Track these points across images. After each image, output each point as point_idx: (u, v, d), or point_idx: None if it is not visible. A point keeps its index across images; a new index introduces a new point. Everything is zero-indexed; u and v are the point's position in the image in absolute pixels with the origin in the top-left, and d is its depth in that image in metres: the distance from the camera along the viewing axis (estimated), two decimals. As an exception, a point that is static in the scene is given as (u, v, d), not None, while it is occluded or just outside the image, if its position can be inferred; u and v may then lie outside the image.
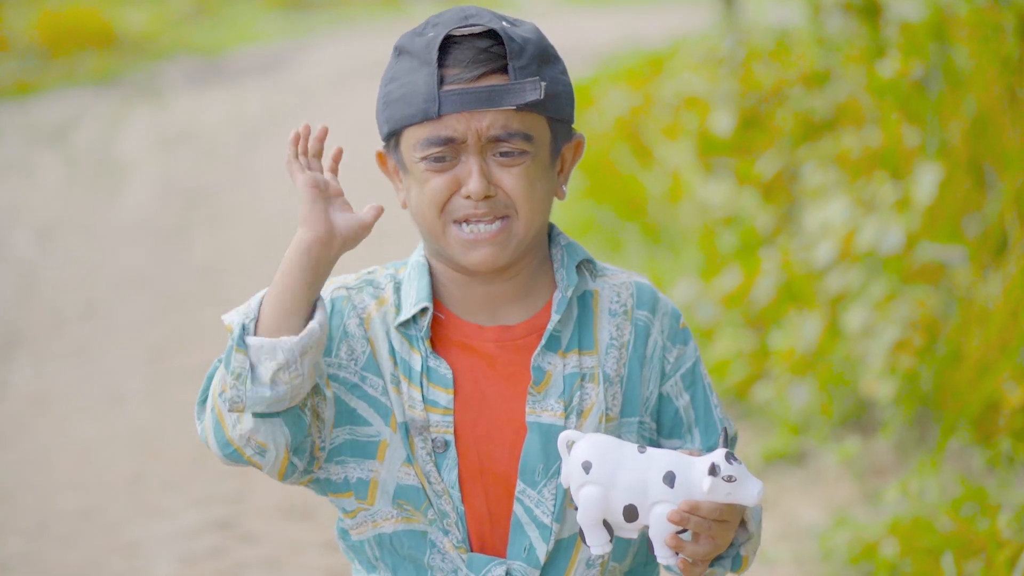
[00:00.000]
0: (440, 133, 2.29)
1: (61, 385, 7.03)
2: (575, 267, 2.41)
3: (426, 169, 2.32)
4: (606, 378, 2.39)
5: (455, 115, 2.28)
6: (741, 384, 5.99)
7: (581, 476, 2.22)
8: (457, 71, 2.29)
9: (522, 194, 2.31)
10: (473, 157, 2.30)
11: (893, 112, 6.08)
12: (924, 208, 5.51)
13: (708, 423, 2.46)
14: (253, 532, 5.23)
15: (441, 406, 2.35)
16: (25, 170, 12.26)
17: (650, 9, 20.60)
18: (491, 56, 2.30)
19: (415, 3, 24.90)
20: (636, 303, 2.43)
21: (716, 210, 7.07)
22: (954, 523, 4.46)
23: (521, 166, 2.31)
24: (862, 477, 5.24)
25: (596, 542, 2.25)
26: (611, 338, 2.41)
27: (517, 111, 2.29)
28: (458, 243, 2.33)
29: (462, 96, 2.28)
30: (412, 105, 2.31)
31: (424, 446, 2.35)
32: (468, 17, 2.34)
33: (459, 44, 2.30)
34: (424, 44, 2.32)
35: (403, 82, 2.33)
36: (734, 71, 7.95)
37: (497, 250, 2.33)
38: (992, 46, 5.73)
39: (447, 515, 2.36)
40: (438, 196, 2.32)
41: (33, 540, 5.32)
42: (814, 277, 5.96)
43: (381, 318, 2.40)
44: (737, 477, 2.18)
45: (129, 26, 19.67)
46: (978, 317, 5.23)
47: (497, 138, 2.29)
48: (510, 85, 2.28)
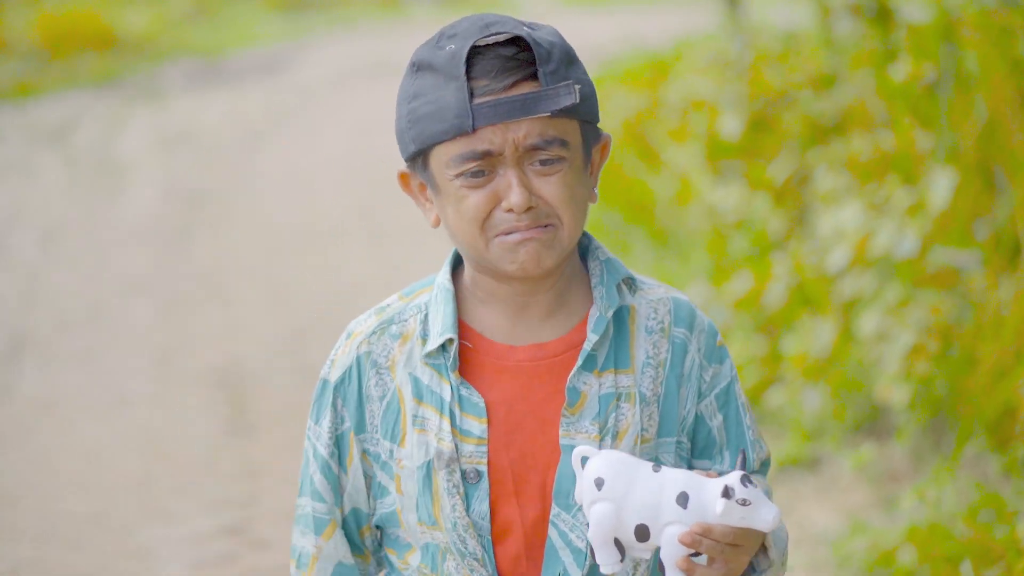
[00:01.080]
0: (476, 147, 2.23)
1: (66, 388, 7.00)
2: (615, 286, 2.36)
3: (462, 186, 2.25)
4: (642, 398, 2.34)
5: (490, 127, 2.22)
6: (753, 389, 5.96)
7: (593, 492, 2.19)
8: (486, 82, 2.22)
9: (564, 202, 2.26)
10: (511, 169, 2.24)
11: (905, 116, 6.06)
12: (937, 213, 5.48)
13: (739, 445, 2.42)
14: (265, 538, 5.20)
15: (475, 436, 2.31)
16: (26, 172, 12.23)
17: (650, 9, 20.58)
18: (519, 63, 2.24)
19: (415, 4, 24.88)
20: (674, 320, 2.38)
21: (727, 214, 7.04)
22: (972, 530, 4.44)
23: (560, 173, 2.25)
24: (877, 483, 5.22)
25: (606, 560, 2.21)
26: (648, 356, 2.36)
27: (552, 117, 2.23)
28: (502, 249, 2.26)
29: (495, 107, 2.21)
30: (444, 121, 2.23)
31: (450, 479, 2.31)
32: (489, 25, 2.26)
33: (484, 54, 2.23)
34: (448, 57, 2.24)
35: (430, 98, 2.25)
36: (742, 74, 7.92)
37: (542, 249, 2.26)
38: (1002, 49, 5.70)
39: (473, 552, 2.32)
40: (479, 212, 2.25)
41: (41, 544, 5.29)
42: (827, 281, 5.94)
43: (406, 358, 2.35)
44: (752, 501, 2.15)
45: (129, 27, 19.62)
46: (993, 322, 5.21)
47: (535, 147, 2.24)
48: (544, 91, 2.22)
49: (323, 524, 2.39)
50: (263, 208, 10.82)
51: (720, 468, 2.40)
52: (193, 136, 13.69)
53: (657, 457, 2.35)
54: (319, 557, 2.38)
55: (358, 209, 10.60)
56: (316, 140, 13.40)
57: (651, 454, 2.35)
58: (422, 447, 2.32)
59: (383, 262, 8.92)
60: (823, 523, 5.02)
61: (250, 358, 7.30)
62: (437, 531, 2.33)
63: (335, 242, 9.66)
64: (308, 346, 7.38)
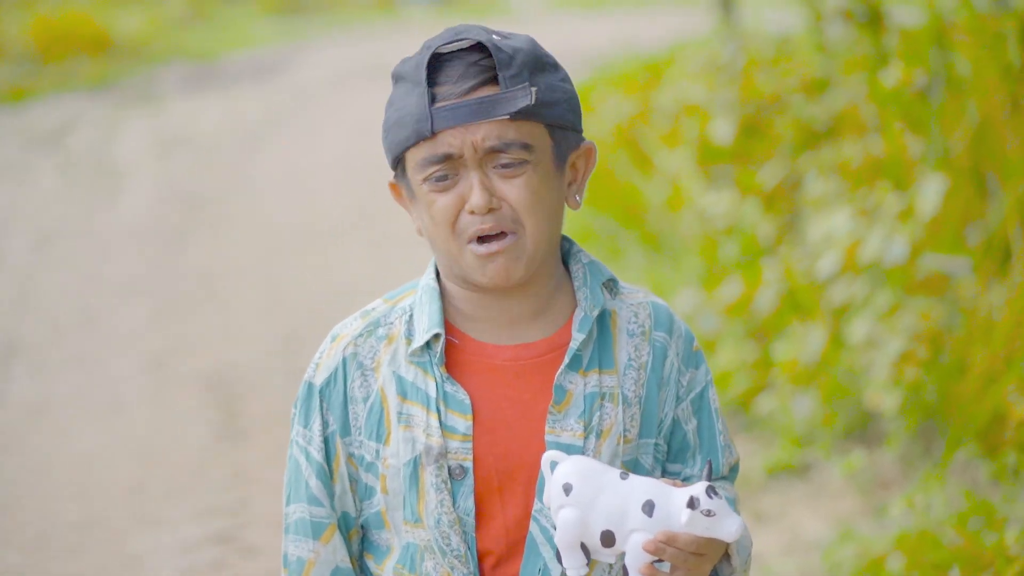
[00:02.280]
0: (437, 151, 2.28)
1: (60, 393, 7.00)
2: (599, 287, 2.39)
3: (430, 191, 2.30)
4: (625, 399, 2.37)
5: (449, 131, 2.27)
6: (743, 395, 5.96)
7: (561, 497, 2.22)
8: (447, 87, 2.28)
9: (526, 205, 2.29)
10: (473, 171, 2.28)
11: (896, 121, 6.06)
12: (928, 218, 5.49)
13: (710, 450, 2.46)
14: (254, 545, 5.20)
15: (460, 432, 2.34)
16: (21, 176, 12.23)
17: (644, 13, 20.59)
18: (480, 69, 2.28)
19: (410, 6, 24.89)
20: (654, 324, 2.42)
21: (718, 219, 7.05)
22: (961, 537, 4.44)
23: (522, 176, 2.29)
24: (867, 490, 5.22)
25: (572, 564, 2.25)
26: (630, 358, 2.39)
27: (512, 120, 2.27)
28: (474, 260, 2.30)
29: (453, 111, 2.26)
30: (406, 127, 2.29)
31: (439, 474, 2.33)
32: (458, 33, 2.32)
33: (448, 61, 2.29)
34: (414, 65, 2.31)
35: (398, 106, 2.32)
36: (734, 78, 7.92)
37: (509, 263, 2.30)
38: (993, 54, 5.71)
39: (456, 549, 2.34)
40: (446, 215, 2.30)
41: (33, 552, 5.29)
42: (817, 287, 5.94)
43: (391, 358, 2.38)
44: (716, 512, 2.19)
45: (123, 31, 19.62)
46: (983, 328, 5.21)
47: (494, 149, 2.28)
48: (500, 95, 2.26)
49: (321, 528, 2.39)
50: (258, 211, 10.82)
51: (691, 472, 2.44)
52: (188, 140, 13.69)
53: (637, 459, 2.38)
54: (316, 562, 2.39)
55: (354, 212, 10.60)
56: (312, 143, 13.40)
57: (632, 455, 2.38)
58: (408, 444, 2.34)
59: (379, 265, 8.92)
60: (813, 530, 5.03)
61: (243, 363, 7.30)
62: (420, 529, 2.35)
63: (330, 245, 9.66)
64: (302, 350, 7.38)
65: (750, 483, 5.41)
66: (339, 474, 2.39)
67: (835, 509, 5.17)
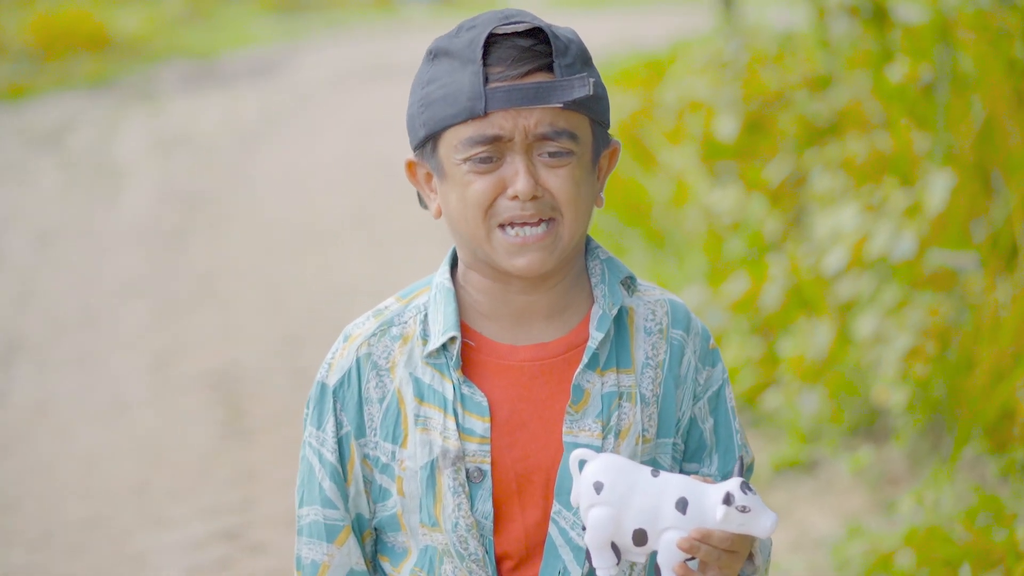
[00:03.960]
0: (486, 131, 2.23)
1: (63, 393, 6.98)
2: (616, 285, 2.36)
3: (469, 171, 2.25)
4: (643, 398, 2.34)
5: (502, 112, 2.22)
6: (750, 392, 5.95)
7: (592, 496, 2.18)
8: (502, 69, 2.23)
9: (568, 196, 2.26)
10: (519, 156, 2.24)
11: (901, 117, 6.04)
12: (935, 214, 5.47)
13: (727, 449, 2.43)
14: (261, 542, 5.18)
15: (478, 435, 2.30)
16: (21, 175, 12.21)
17: (643, 11, 20.58)
18: (536, 54, 2.25)
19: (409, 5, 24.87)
20: (671, 322, 2.39)
21: (723, 216, 7.03)
22: (970, 534, 4.43)
23: (567, 167, 2.26)
24: (875, 486, 5.21)
25: (603, 564, 2.21)
26: (647, 357, 2.36)
27: (563, 109, 2.24)
28: (504, 248, 2.26)
29: (509, 92, 2.22)
30: (456, 104, 2.24)
31: (456, 477, 2.30)
32: (508, 16, 2.28)
33: (502, 43, 2.24)
34: (466, 43, 2.25)
35: (444, 82, 2.26)
36: (738, 75, 7.91)
37: (544, 254, 2.26)
38: (998, 49, 5.69)
39: (474, 553, 2.31)
40: (483, 198, 2.25)
41: (38, 550, 5.27)
42: (823, 283, 5.92)
43: (407, 359, 2.34)
44: (751, 508, 2.15)
45: (123, 29, 19.60)
46: (990, 324, 5.20)
47: (544, 136, 2.24)
48: (559, 81, 2.23)
49: (336, 531, 2.36)
50: (258, 210, 10.81)
51: (709, 471, 2.41)
52: (188, 138, 13.67)
53: (655, 459, 2.35)
54: (331, 565, 2.35)
55: (355, 211, 10.58)
56: (312, 142, 13.38)
57: (650, 455, 2.35)
58: (425, 447, 2.31)
59: (380, 264, 8.91)
60: (821, 527, 5.01)
61: (246, 361, 7.28)
62: (437, 532, 2.32)
63: (331, 244, 9.64)
64: (304, 349, 7.37)
65: (757, 479, 5.38)
66: (353, 476, 2.35)
67: (843, 505, 5.15)
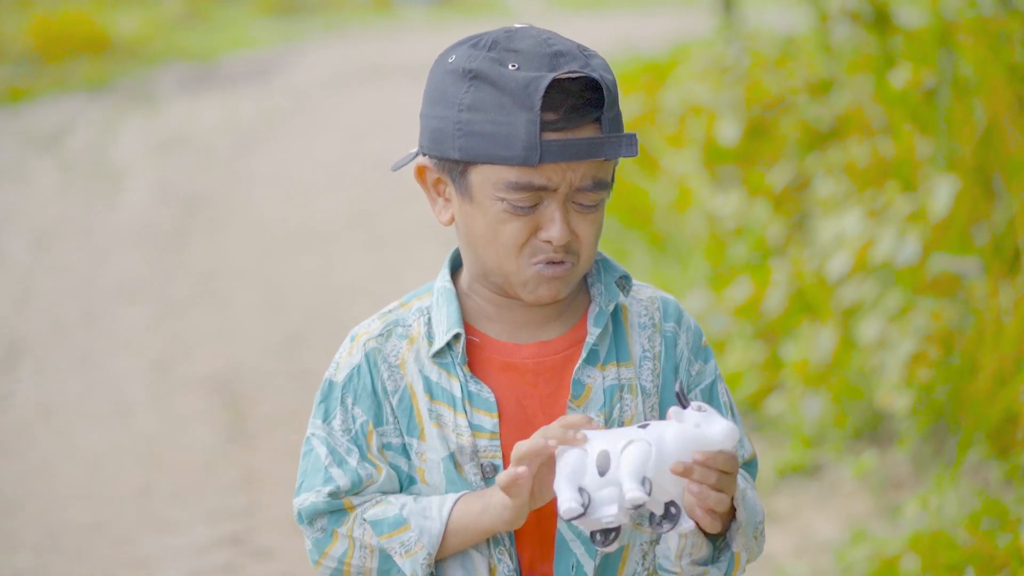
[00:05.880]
0: (533, 180, 2.25)
1: (64, 395, 6.98)
2: (613, 283, 2.41)
3: (505, 210, 2.28)
4: (643, 390, 2.40)
5: (552, 164, 2.24)
6: (754, 396, 5.95)
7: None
8: (556, 118, 2.24)
9: (591, 240, 2.32)
10: (556, 204, 2.28)
11: (903, 122, 6.05)
12: (938, 219, 5.48)
13: None
14: (265, 547, 5.18)
15: (487, 431, 2.34)
16: (20, 177, 12.21)
17: (641, 13, 20.59)
18: (587, 103, 2.26)
19: (407, 7, 24.88)
20: (663, 316, 2.45)
21: (725, 221, 7.04)
22: (974, 538, 4.43)
23: (595, 214, 2.31)
24: (879, 491, 5.21)
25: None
26: (644, 350, 2.42)
27: (604, 161, 2.28)
28: (534, 278, 2.32)
29: (564, 147, 2.23)
30: (508, 148, 2.23)
31: (477, 472, 2.34)
32: (557, 55, 2.27)
33: (556, 88, 2.24)
34: (520, 84, 2.23)
35: (492, 118, 2.24)
36: (739, 79, 7.91)
37: (561, 287, 2.33)
38: (999, 54, 5.70)
39: (500, 542, 2.35)
40: (518, 239, 2.29)
41: (42, 554, 5.27)
42: (827, 288, 5.93)
43: (414, 357, 2.38)
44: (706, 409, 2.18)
45: (121, 31, 19.61)
46: (993, 329, 5.20)
47: (584, 188, 2.28)
48: (608, 138, 2.25)
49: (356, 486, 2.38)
50: (258, 212, 10.81)
51: None
52: (187, 140, 13.68)
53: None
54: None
55: (353, 213, 10.59)
56: (311, 144, 13.39)
57: None
58: (442, 440, 2.35)
59: (379, 265, 8.91)
60: (825, 531, 5.02)
61: (247, 363, 7.28)
62: None
63: (331, 246, 9.65)
64: (305, 350, 7.37)
65: (761, 484, 5.39)
66: (379, 462, 2.37)
67: (847, 510, 5.16)
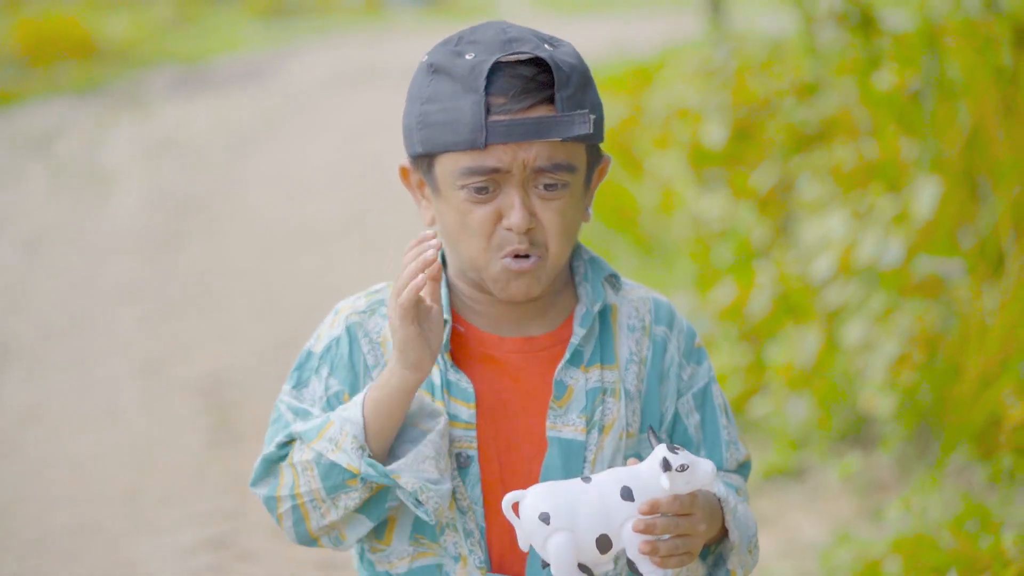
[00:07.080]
0: (484, 163, 2.26)
1: (54, 398, 6.98)
2: (600, 282, 2.40)
3: (467, 198, 2.29)
4: (627, 394, 2.38)
5: (501, 146, 2.24)
6: (738, 399, 5.96)
7: (543, 529, 2.17)
8: (503, 100, 2.25)
9: (557, 232, 2.30)
10: (515, 189, 2.27)
11: (889, 124, 6.06)
12: (922, 222, 5.50)
13: (714, 445, 2.46)
14: (252, 550, 5.19)
15: (463, 420, 2.34)
16: (9, 180, 12.21)
17: (630, 15, 20.60)
18: (538, 85, 2.26)
19: (398, 9, 24.88)
20: (654, 319, 2.43)
21: (711, 223, 7.05)
22: (957, 541, 4.45)
23: (560, 200, 2.29)
24: (863, 493, 5.23)
25: None
26: (630, 353, 2.40)
27: (563, 142, 2.27)
28: (502, 273, 2.30)
29: (510, 127, 2.24)
30: (457, 133, 2.25)
31: (450, 461, 2.33)
32: (511, 41, 2.28)
33: (504, 71, 2.26)
34: (468, 68, 2.26)
35: (445, 106, 2.27)
36: (726, 82, 7.93)
37: (532, 282, 2.31)
38: (985, 57, 5.72)
39: (471, 534, 2.34)
40: (483, 228, 2.29)
41: (30, 557, 5.27)
42: (811, 291, 5.94)
43: None
44: (689, 463, 2.17)
45: (110, 35, 19.59)
46: (978, 331, 5.22)
47: (541, 169, 2.27)
48: (559, 117, 2.25)
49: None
50: (250, 215, 10.82)
51: None
52: (178, 144, 13.67)
53: (639, 453, 2.38)
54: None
55: (346, 216, 10.59)
56: (303, 146, 13.39)
57: (634, 449, 2.38)
58: None
59: (372, 268, 8.91)
60: (809, 533, 5.03)
61: (237, 367, 7.29)
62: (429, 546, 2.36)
63: (323, 249, 9.65)
64: (296, 355, 7.36)
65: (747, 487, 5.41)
66: None
67: (831, 512, 5.18)
